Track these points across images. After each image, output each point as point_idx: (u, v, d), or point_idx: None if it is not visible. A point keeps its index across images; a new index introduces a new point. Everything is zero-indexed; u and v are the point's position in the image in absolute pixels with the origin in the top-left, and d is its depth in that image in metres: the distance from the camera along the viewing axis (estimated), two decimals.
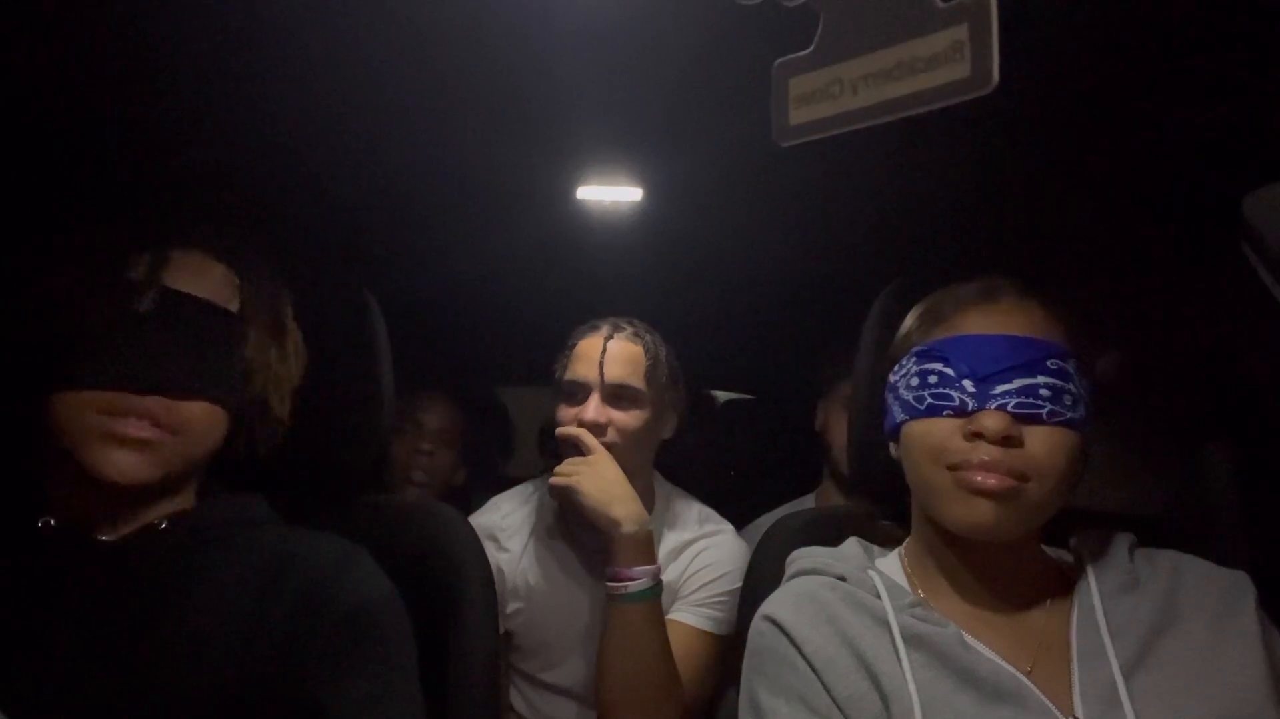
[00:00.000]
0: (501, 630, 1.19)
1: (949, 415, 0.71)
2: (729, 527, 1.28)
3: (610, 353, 1.19)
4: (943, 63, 0.45)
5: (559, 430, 1.18)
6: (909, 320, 0.81)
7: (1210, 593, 0.71)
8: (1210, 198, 0.96)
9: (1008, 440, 0.68)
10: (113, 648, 0.67)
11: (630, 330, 1.23)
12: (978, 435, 0.69)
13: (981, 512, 0.68)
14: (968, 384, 0.71)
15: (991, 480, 0.68)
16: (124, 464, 0.68)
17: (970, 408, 0.70)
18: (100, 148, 0.95)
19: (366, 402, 0.92)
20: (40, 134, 0.92)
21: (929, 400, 0.73)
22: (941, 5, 0.45)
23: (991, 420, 0.68)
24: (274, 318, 0.78)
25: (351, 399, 0.91)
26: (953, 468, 0.70)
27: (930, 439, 0.72)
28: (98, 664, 0.67)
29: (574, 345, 1.23)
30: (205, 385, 0.71)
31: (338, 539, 0.79)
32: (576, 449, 1.16)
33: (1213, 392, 1.00)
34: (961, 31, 0.44)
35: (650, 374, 1.21)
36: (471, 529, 0.98)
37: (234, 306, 0.75)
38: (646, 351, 1.22)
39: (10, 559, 0.70)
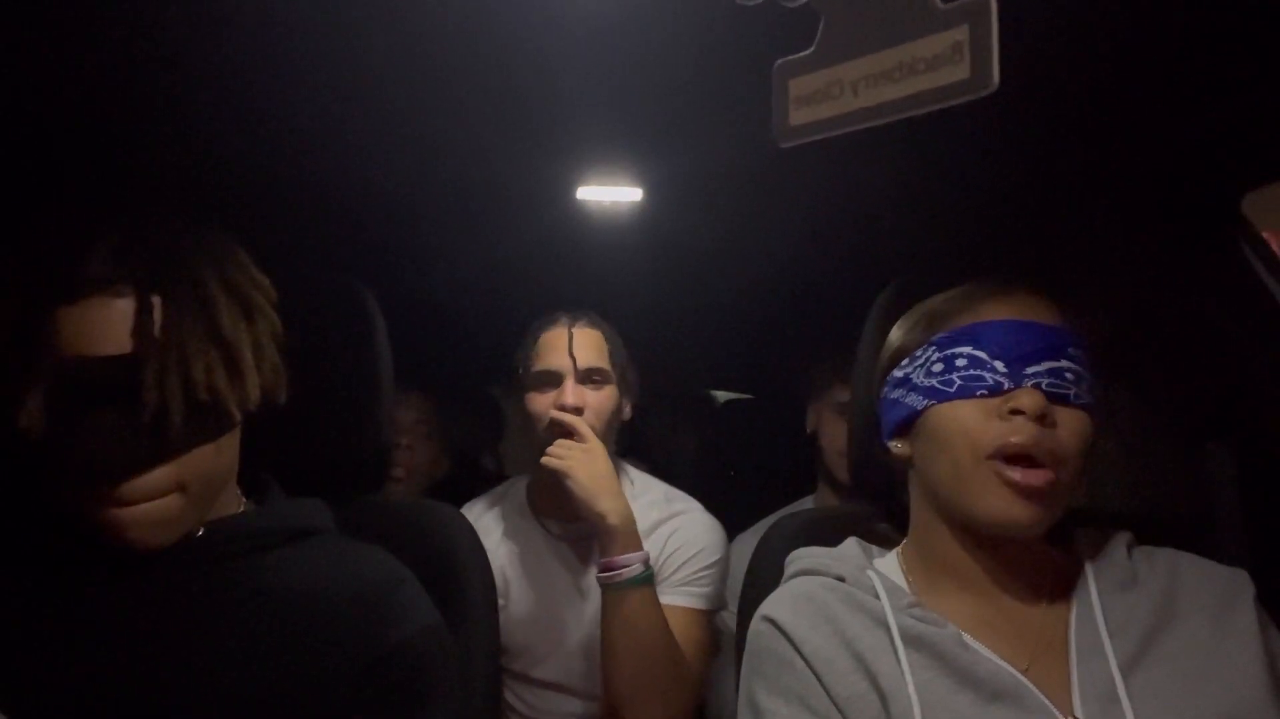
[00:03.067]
0: None
1: (983, 396, 0.71)
2: (696, 504, 1.31)
3: (577, 340, 1.23)
4: (943, 64, 0.45)
5: (554, 414, 1.19)
6: (909, 325, 0.81)
7: (1209, 591, 0.71)
8: (1210, 198, 0.96)
9: (1042, 418, 0.68)
10: (134, 660, 0.66)
11: (587, 318, 1.27)
12: (1015, 413, 0.69)
13: (1021, 510, 0.68)
14: (999, 365, 0.71)
15: (1038, 481, 0.68)
16: (142, 541, 0.66)
17: (1005, 387, 0.70)
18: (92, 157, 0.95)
19: (366, 401, 0.92)
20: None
21: (959, 382, 0.72)
22: (942, 6, 0.45)
23: (1029, 398, 0.69)
24: (201, 314, 0.67)
25: (351, 399, 0.91)
26: (991, 457, 0.69)
27: (963, 423, 0.71)
28: (116, 675, 0.66)
29: (537, 338, 1.26)
30: (176, 443, 0.65)
31: (386, 561, 0.77)
32: (564, 434, 1.18)
33: (1213, 391, 1.00)
34: (962, 33, 0.44)
35: (613, 356, 1.26)
36: (471, 528, 0.98)
37: (138, 343, 0.64)
38: (606, 335, 1.27)
39: (47, 562, 0.69)
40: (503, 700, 1.25)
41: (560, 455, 1.14)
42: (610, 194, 1.15)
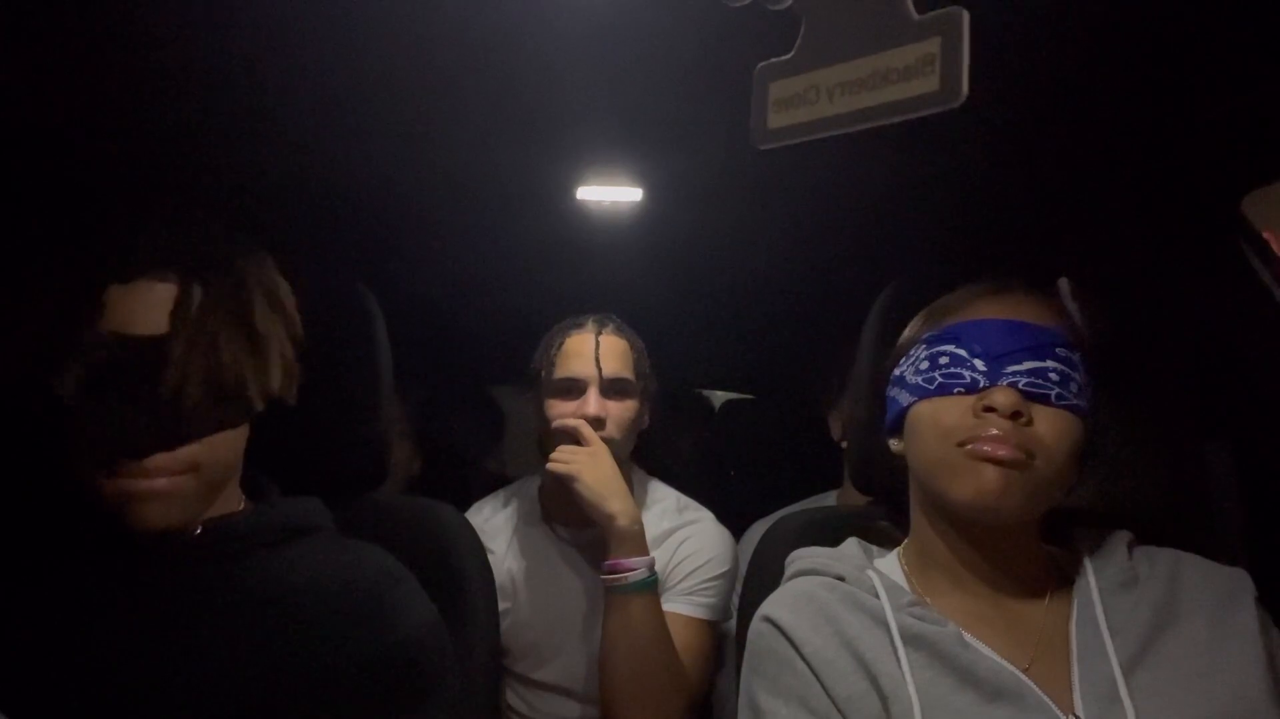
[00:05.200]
0: None
1: (960, 393, 0.72)
2: (708, 513, 1.30)
3: (603, 348, 1.21)
4: (914, 75, 0.45)
5: (559, 422, 1.19)
6: (914, 324, 0.82)
7: (1209, 590, 0.71)
8: (1210, 198, 0.96)
9: (1016, 416, 0.69)
10: (133, 657, 0.67)
11: (613, 325, 1.26)
12: (988, 410, 0.69)
13: (989, 479, 0.68)
14: (979, 364, 0.71)
15: (1002, 450, 0.68)
16: (151, 517, 0.67)
17: (981, 385, 0.71)
18: (78, 153, 0.95)
19: (366, 401, 0.92)
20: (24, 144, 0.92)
21: (939, 380, 0.73)
22: (917, 18, 0.46)
23: (1002, 395, 0.69)
24: (229, 310, 0.70)
25: (351, 399, 0.91)
26: (961, 444, 0.70)
27: (939, 417, 0.72)
28: (116, 673, 0.66)
29: (561, 343, 1.24)
30: (200, 423, 0.68)
31: (385, 559, 0.78)
32: (572, 440, 1.17)
33: (1213, 391, 1.00)
34: (933, 45, 0.44)
35: (637, 366, 1.24)
36: (471, 529, 0.98)
37: (173, 326, 0.67)
38: (632, 345, 1.25)
39: (48, 561, 0.70)
40: (505, 701, 1.25)
41: (566, 460, 1.14)
42: (610, 194, 1.15)
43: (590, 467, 1.13)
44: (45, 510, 0.73)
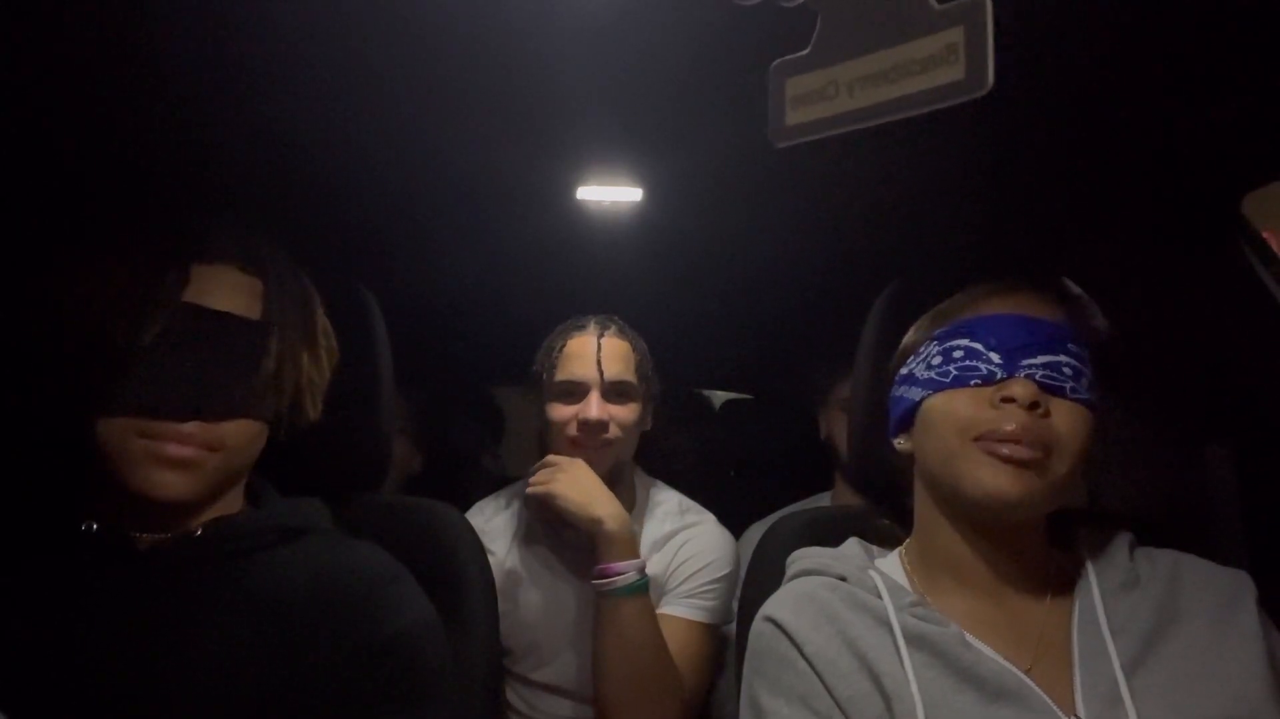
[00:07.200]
0: None
1: (977, 384, 0.72)
2: (710, 516, 1.30)
3: (605, 350, 1.20)
4: (937, 65, 0.45)
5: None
6: (918, 327, 0.81)
7: (1210, 592, 0.71)
8: (1210, 198, 0.96)
9: (1034, 407, 0.69)
10: (133, 657, 0.67)
11: (615, 327, 1.25)
12: (1007, 401, 0.69)
13: (1007, 477, 0.68)
14: (995, 356, 0.72)
15: (1022, 453, 0.68)
16: (168, 484, 0.68)
17: (999, 376, 0.71)
18: (106, 156, 0.95)
19: (366, 401, 0.92)
20: (51, 143, 0.92)
21: (954, 373, 0.73)
22: (938, 7, 0.45)
23: (1021, 387, 0.69)
24: (303, 320, 0.78)
25: (351, 399, 0.91)
26: (979, 439, 0.70)
27: (956, 409, 0.72)
28: (116, 672, 0.66)
29: (563, 345, 1.23)
30: (243, 405, 0.71)
31: (381, 557, 0.79)
32: (574, 445, 1.17)
33: (1213, 392, 1.00)
34: (957, 34, 0.44)
35: (640, 368, 1.23)
36: (471, 529, 0.98)
37: (256, 314, 0.73)
38: (634, 347, 1.24)
39: (49, 561, 0.71)
40: (505, 701, 1.25)
41: (542, 481, 1.15)
42: (610, 194, 1.14)
43: (566, 480, 1.13)
44: (46, 509, 0.73)
